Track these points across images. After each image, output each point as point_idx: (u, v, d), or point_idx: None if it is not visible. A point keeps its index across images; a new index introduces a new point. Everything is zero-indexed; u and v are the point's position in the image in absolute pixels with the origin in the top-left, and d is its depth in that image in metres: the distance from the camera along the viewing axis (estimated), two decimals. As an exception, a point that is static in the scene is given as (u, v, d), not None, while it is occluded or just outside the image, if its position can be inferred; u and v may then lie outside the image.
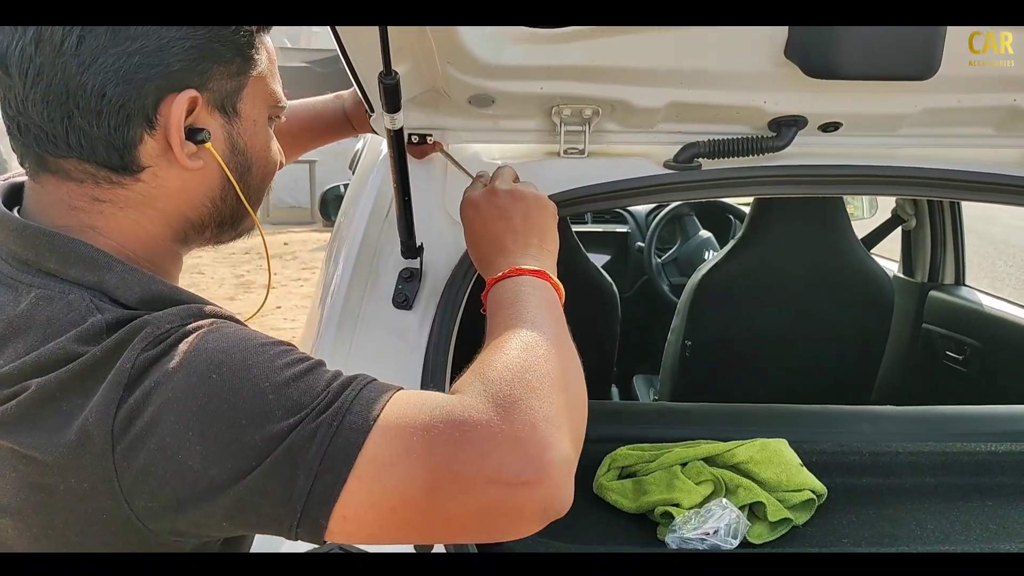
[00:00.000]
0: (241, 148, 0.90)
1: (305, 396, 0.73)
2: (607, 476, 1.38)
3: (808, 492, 1.33)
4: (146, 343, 0.74)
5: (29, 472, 0.74)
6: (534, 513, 0.73)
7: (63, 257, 0.80)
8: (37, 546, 0.79)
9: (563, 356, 0.85)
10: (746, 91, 1.36)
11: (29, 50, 0.78)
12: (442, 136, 1.40)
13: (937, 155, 1.47)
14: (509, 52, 1.25)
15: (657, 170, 1.41)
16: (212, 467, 0.71)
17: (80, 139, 0.80)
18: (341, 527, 0.73)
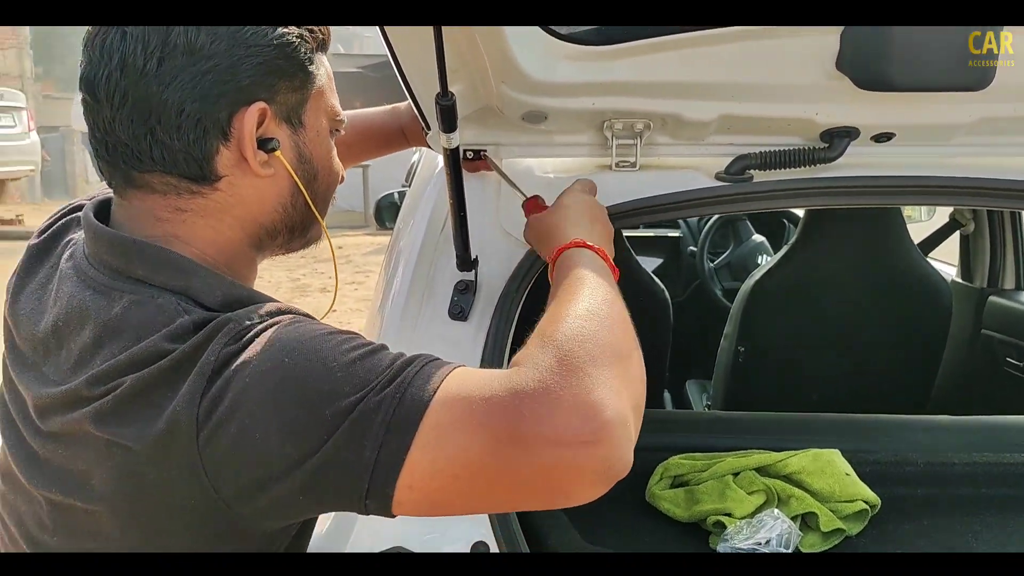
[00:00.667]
0: (307, 157, 0.97)
1: (370, 374, 0.78)
2: (659, 485, 1.40)
3: (861, 503, 1.33)
4: (228, 338, 0.80)
5: (122, 461, 0.81)
6: (595, 473, 0.76)
7: (152, 265, 0.87)
8: (128, 532, 0.85)
9: (622, 327, 0.89)
10: (797, 103, 1.37)
11: (115, 76, 0.86)
12: (495, 151, 1.43)
13: (993, 164, 1.46)
14: (561, 70, 1.27)
15: (709, 182, 1.43)
16: (287, 444, 0.77)
17: (163, 153, 0.88)
18: (408, 496, 0.77)
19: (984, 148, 1.47)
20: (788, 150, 1.41)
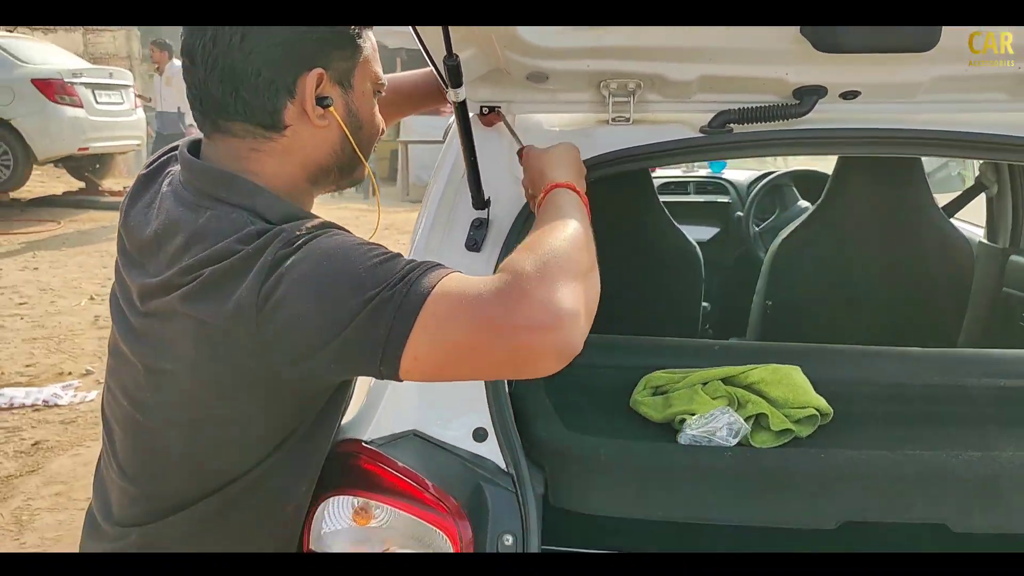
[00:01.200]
0: (354, 112, 1.24)
1: (387, 274, 1.04)
2: (642, 393, 1.64)
3: (812, 409, 1.54)
4: (282, 243, 1.07)
5: (201, 332, 1.08)
6: (552, 352, 1.00)
7: (228, 188, 1.16)
8: (203, 389, 1.13)
9: (586, 250, 1.13)
10: (769, 65, 1.56)
11: (208, 46, 1.15)
12: (508, 108, 1.67)
13: (955, 119, 1.62)
14: (557, 37, 1.49)
15: (693, 134, 1.64)
16: (324, 324, 1.02)
17: (243, 106, 1.16)
18: (412, 365, 1.03)
19: (946, 104, 1.63)
20: (763, 106, 1.61)
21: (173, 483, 1.24)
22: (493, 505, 1.41)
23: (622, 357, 1.80)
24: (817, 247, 2.64)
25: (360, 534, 1.43)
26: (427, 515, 1.36)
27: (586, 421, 1.58)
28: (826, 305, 2.68)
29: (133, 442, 1.26)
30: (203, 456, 1.21)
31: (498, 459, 1.46)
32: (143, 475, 1.26)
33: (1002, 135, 1.57)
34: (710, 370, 1.62)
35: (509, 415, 1.49)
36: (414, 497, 1.38)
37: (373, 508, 1.42)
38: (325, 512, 1.41)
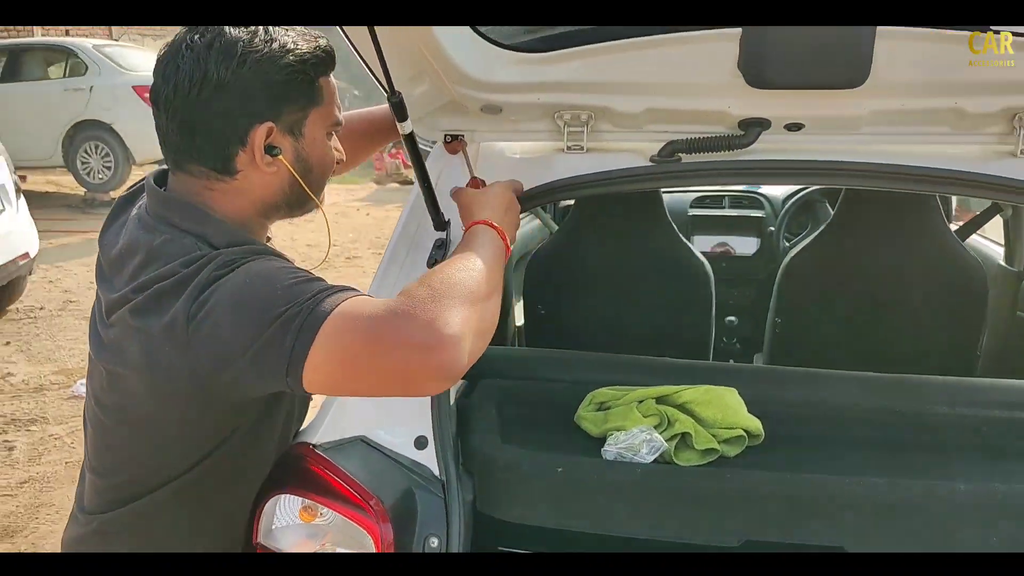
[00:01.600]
0: (304, 157, 1.36)
1: (298, 294, 1.16)
2: (587, 408, 1.72)
3: (740, 431, 1.59)
4: (217, 266, 1.21)
5: (145, 341, 1.23)
6: (432, 370, 1.10)
7: (182, 215, 1.30)
8: (148, 392, 1.27)
9: (486, 283, 1.23)
10: (710, 98, 1.63)
11: (170, 95, 1.29)
12: (471, 136, 1.78)
13: (901, 151, 1.65)
14: (504, 73, 1.60)
15: (643, 162, 1.71)
16: (240, 336, 1.15)
17: (199, 153, 1.30)
18: (313, 376, 1.14)
19: (893, 137, 1.67)
20: (710, 137, 1.67)
21: (126, 477, 1.39)
22: (422, 509, 1.51)
23: (584, 372, 1.88)
24: (825, 267, 2.65)
25: (306, 530, 1.55)
26: (356, 516, 1.48)
27: (524, 434, 1.67)
28: (833, 326, 2.68)
29: (98, 439, 1.41)
30: (149, 453, 1.36)
31: (434, 466, 1.57)
32: (104, 468, 1.41)
33: (945, 169, 1.60)
34: (647, 389, 1.68)
35: (449, 425, 1.59)
36: (348, 500, 1.49)
37: (318, 507, 1.54)
38: (276, 508, 1.54)
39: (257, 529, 1.52)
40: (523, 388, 1.85)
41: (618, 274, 2.73)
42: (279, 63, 1.28)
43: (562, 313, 2.86)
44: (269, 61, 1.27)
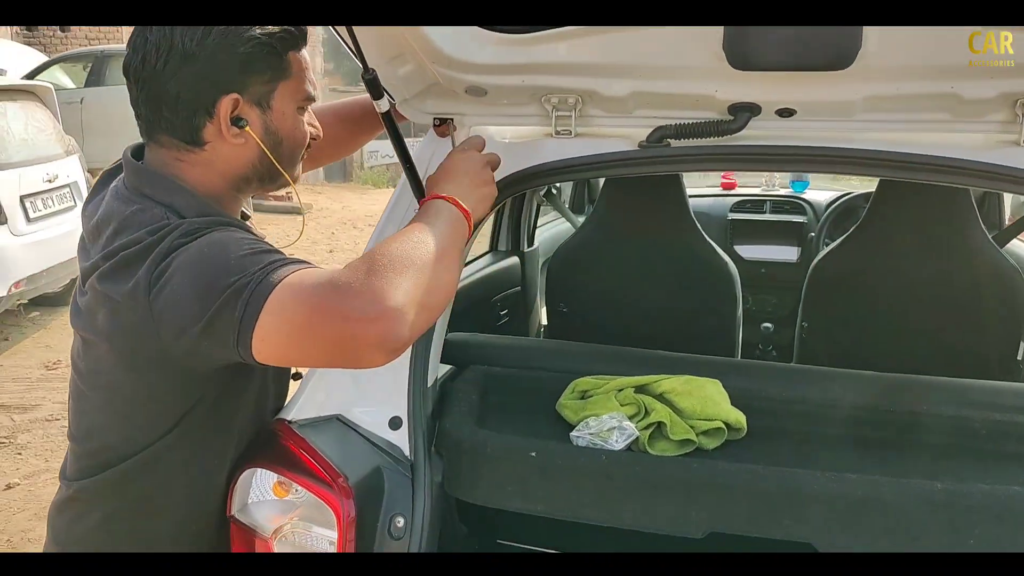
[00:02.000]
0: (273, 130, 1.38)
1: (251, 265, 1.17)
2: (568, 397, 1.69)
3: (719, 423, 1.54)
4: (180, 234, 1.23)
5: (111, 307, 1.26)
6: (374, 343, 1.11)
7: (153, 186, 1.33)
8: (115, 359, 1.30)
9: (432, 254, 1.21)
10: (696, 81, 1.58)
11: (139, 67, 1.32)
12: (460, 120, 1.77)
13: (900, 139, 1.58)
14: (485, 53, 1.58)
15: (630, 147, 1.68)
16: (194, 303, 1.17)
17: (167, 124, 1.33)
18: (261, 346, 1.15)
19: (890, 124, 1.59)
20: (698, 122, 1.63)
21: (98, 443, 1.42)
22: (390, 489, 1.51)
23: (573, 362, 1.85)
24: (852, 271, 2.57)
25: (280, 506, 1.57)
26: (323, 493, 1.48)
27: (502, 419, 1.66)
28: (862, 330, 2.60)
29: (75, 405, 1.45)
30: (118, 420, 1.39)
31: (406, 447, 1.57)
32: (80, 434, 1.45)
33: (942, 156, 1.53)
34: (628, 378, 1.65)
35: (423, 407, 1.59)
36: (317, 476, 1.50)
37: (291, 483, 1.56)
38: (253, 480, 1.55)
39: (231, 501, 1.54)
40: (510, 376, 1.83)
41: (639, 273, 2.70)
42: (245, 35, 1.29)
43: (584, 311, 2.83)
44: (235, 33, 1.29)
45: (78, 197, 6.08)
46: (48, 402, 4.82)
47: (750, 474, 1.43)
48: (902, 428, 1.61)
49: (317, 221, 10.65)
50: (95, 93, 10.60)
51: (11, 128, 5.66)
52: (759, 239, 4.01)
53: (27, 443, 4.34)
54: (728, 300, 2.75)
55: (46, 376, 5.22)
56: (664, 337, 2.58)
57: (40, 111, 6.10)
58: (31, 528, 3.45)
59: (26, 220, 5.44)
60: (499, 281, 3.18)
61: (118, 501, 1.44)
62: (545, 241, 3.71)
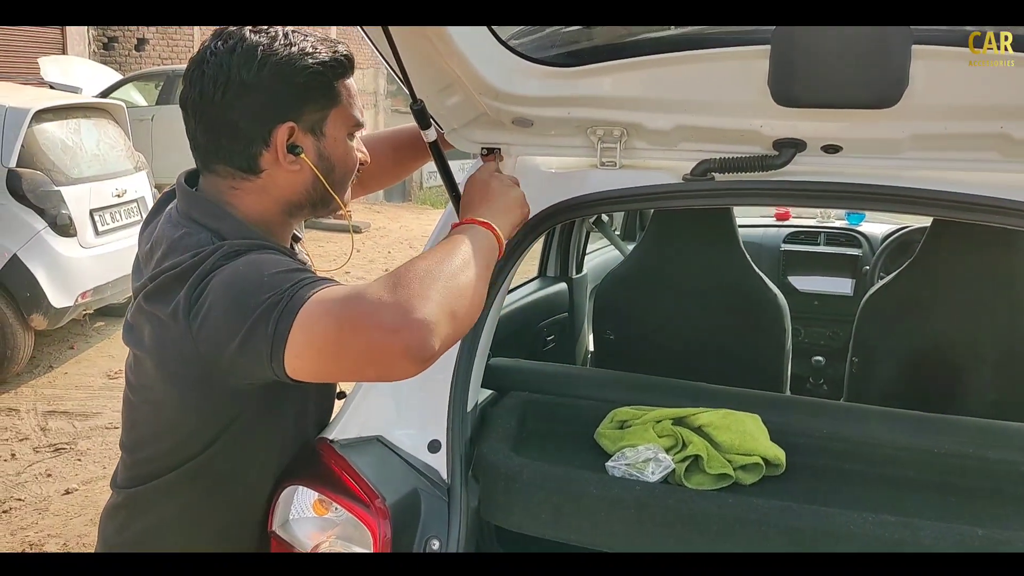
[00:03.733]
0: (326, 156, 1.42)
1: (283, 283, 1.20)
2: (607, 426, 1.70)
3: (757, 458, 1.54)
4: (219, 256, 1.28)
5: (156, 325, 1.31)
6: (401, 351, 1.12)
7: (203, 212, 1.38)
8: (159, 374, 1.35)
9: (461, 272, 1.23)
10: (741, 116, 1.60)
11: (196, 99, 1.38)
12: (507, 149, 1.81)
13: (948, 177, 1.57)
14: (532, 86, 1.62)
15: (675, 180, 1.69)
16: (230, 321, 1.21)
17: (225, 153, 1.38)
18: (294, 363, 1.19)
19: (937, 162, 1.58)
20: (743, 157, 1.64)
21: (146, 454, 1.47)
22: (426, 512, 1.54)
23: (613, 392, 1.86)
24: (902, 306, 2.53)
25: (319, 523, 1.60)
26: (360, 512, 1.51)
27: (540, 446, 1.67)
28: (913, 367, 2.56)
29: (127, 416, 1.51)
30: (163, 433, 1.44)
31: (444, 470, 1.59)
32: (130, 444, 1.51)
33: (989, 196, 1.51)
34: (666, 410, 1.65)
35: (461, 431, 1.62)
36: (355, 496, 1.53)
37: (331, 502, 1.59)
38: (294, 498, 1.59)
39: (273, 517, 1.58)
40: (549, 403, 1.85)
41: (687, 302, 2.69)
42: (298, 65, 1.34)
43: (631, 339, 2.84)
44: (289, 64, 1.34)
45: (144, 211, 6.27)
46: (108, 410, 4.96)
47: (785, 511, 1.42)
48: (945, 471, 1.58)
49: (374, 240, 10.80)
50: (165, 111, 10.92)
51: (84, 144, 5.88)
52: (813, 271, 3.97)
53: (87, 449, 4.48)
54: (777, 332, 2.72)
55: (108, 385, 5.38)
56: (711, 367, 2.57)
57: (112, 128, 6.32)
58: (86, 533, 3.56)
59: (95, 233, 5.63)
60: (546, 307, 3.20)
61: (163, 510, 1.49)
62: (594, 268, 3.72)
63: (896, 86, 1.43)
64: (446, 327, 1.17)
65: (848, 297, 3.95)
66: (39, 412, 4.95)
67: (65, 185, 5.43)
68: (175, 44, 14.49)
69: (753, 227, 4.29)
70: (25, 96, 5.76)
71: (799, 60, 1.47)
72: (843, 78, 1.46)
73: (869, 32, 1.42)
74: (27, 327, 5.24)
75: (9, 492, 3.99)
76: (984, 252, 2.40)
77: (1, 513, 3.77)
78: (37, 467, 4.27)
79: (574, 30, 1.67)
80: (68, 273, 5.35)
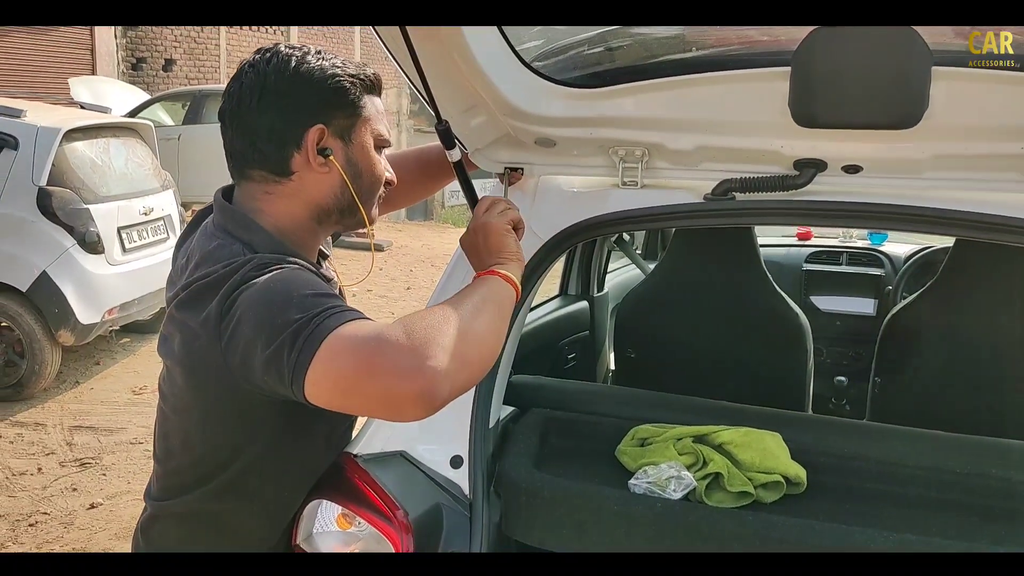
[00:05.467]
0: (354, 161, 1.46)
1: (312, 307, 1.22)
2: (628, 443, 1.71)
3: (778, 476, 1.54)
4: (250, 268, 1.30)
5: (186, 333, 1.34)
6: (411, 397, 1.14)
7: (234, 223, 1.42)
8: (187, 382, 1.38)
9: (477, 322, 1.26)
10: (761, 137, 1.62)
11: (234, 108, 1.42)
12: (530, 169, 1.83)
13: (969, 198, 1.58)
14: (555, 107, 1.65)
15: (696, 199, 1.71)
16: (259, 337, 1.23)
17: (259, 156, 1.42)
18: (312, 390, 1.20)
19: (959, 183, 1.59)
20: (764, 177, 1.65)
21: (175, 464, 1.50)
22: (448, 527, 1.55)
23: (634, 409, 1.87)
24: (925, 327, 2.52)
25: (343, 537, 1.62)
26: (383, 526, 1.53)
27: (561, 463, 1.68)
28: (936, 387, 2.54)
29: (159, 427, 1.54)
30: (192, 444, 1.46)
31: (466, 486, 1.61)
32: (161, 455, 1.53)
33: (1012, 217, 1.52)
34: (687, 427, 1.66)
35: (483, 447, 1.63)
36: (378, 510, 1.55)
37: (355, 516, 1.61)
38: (318, 512, 1.61)
39: (297, 530, 1.60)
40: (570, 420, 1.86)
41: (708, 322, 2.69)
42: (328, 73, 1.40)
43: (652, 357, 2.84)
44: (320, 72, 1.40)
45: (171, 230, 6.36)
46: (133, 425, 5.02)
47: (806, 529, 1.43)
48: (967, 491, 1.58)
49: (396, 258, 10.86)
50: (192, 130, 11.07)
51: (112, 163, 5.98)
52: (835, 291, 3.96)
53: (112, 464, 4.52)
54: (798, 352, 2.71)
55: (132, 400, 5.43)
56: (732, 387, 2.57)
57: (140, 147, 6.42)
58: (111, 547, 3.59)
59: (122, 250, 5.71)
60: (568, 325, 3.21)
61: (194, 522, 1.51)
62: (615, 286, 3.73)
63: (916, 107, 1.45)
64: (458, 375, 1.19)
65: (871, 317, 3.93)
66: (65, 427, 5.01)
67: (94, 203, 5.51)
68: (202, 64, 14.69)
69: (775, 247, 4.29)
70: (56, 116, 5.86)
71: (819, 81, 1.48)
72: (863, 99, 1.47)
73: (889, 53, 1.43)
74: (55, 343, 5.31)
75: (35, 506, 4.04)
76: (1007, 272, 2.39)
77: (27, 527, 3.81)
78: (63, 481, 4.32)
79: (597, 51, 1.70)
80: (95, 290, 5.42)
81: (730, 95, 1.58)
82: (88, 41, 12.76)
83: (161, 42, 13.98)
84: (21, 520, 3.87)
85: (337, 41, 16.90)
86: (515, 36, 1.59)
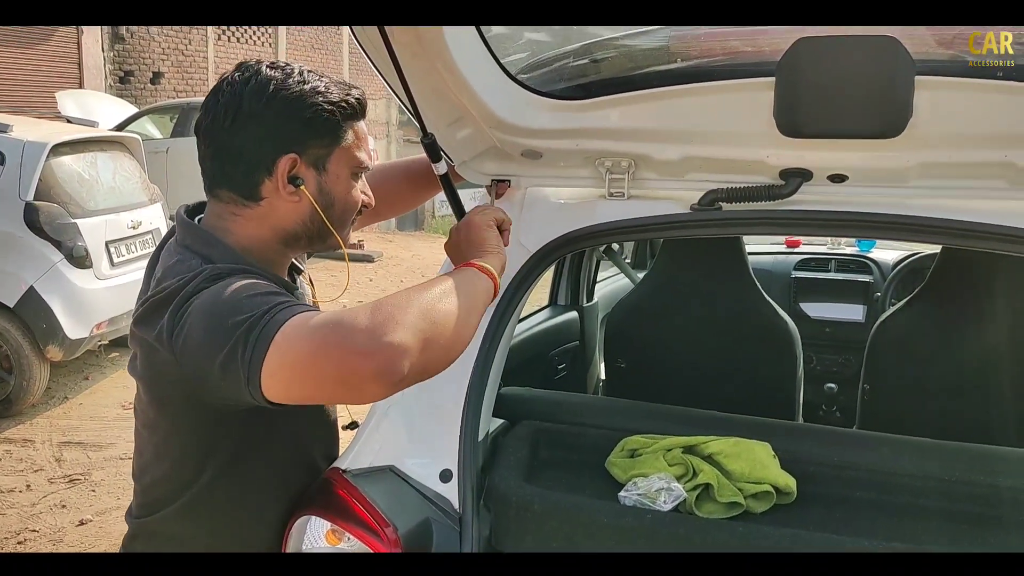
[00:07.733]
0: (326, 191, 1.44)
1: (261, 306, 1.20)
2: (618, 455, 1.70)
3: (767, 486, 1.54)
4: (203, 279, 1.29)
5: (145, 348, 1.33)
6: (372, 374, 1.12)
7: (194, 239, 1.41)
8: (149, 397, 1.38)
9: (440, 303, 1.23)
10: (747, 147, 1.62)
11: (208, 125, 1.41)
12: (517, 181, 1.83)
13: (954, 206, 1.58)
14: (540, 119, 1.65)
15: (682, 210, 1.71)
16: (210, 344, 1.21)
17: (228, 179, 1.41)
18: (270, 383, 1.18)
19: (944, 191, 1.60)
20: (750, 186, 1.66)
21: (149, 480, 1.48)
22: (438, 541, 1.54)
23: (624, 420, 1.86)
24: (913, 334, 2.53)
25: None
26: (371, 542, 1.52)
27: (551, 475, 1.67)
28: (925, 394, 2.55)
29: (135, 444, 1.53)
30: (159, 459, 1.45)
31: (456, 500, 1.60)
32: (136, 471, 1.52)
33: (994, 225, 1.52)
34: (677, 438, 1.66)
35: (473, 461, 1.62)
36: (366, 525, 1.54)
37: (343, 532, 1.60)
38: (307, 527, 1.60)
39: (286, 547, 1.59)
40: (560, 431, 1.85)
41: (698, 330, 2.70)
42: (307, 101, 1.37)
43: (642, 367, 2.84)
44: (299, 99, 1.37)
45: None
46: (122, 441, 4.98)
47: (796, 539, 1.42)
48: (956, 498, 1.58)
49: (387, 269, 10.85)
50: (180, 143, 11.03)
51: (100, 177, 5.96)
52: (824, 298, 3.97)
53: (101, 480, 4.49)
54: (788, 360, 2.72)
55: (122, 415, 5.40)
56: (723, 395, 2.57)
57: (128, 160, 6.40)
58: (100, 564, 3.56)
59: (110, 264, 5.69)
60: (557, 335, 3.21)
61: (171, 539, 1.50)
62: (605, 296, 3.73)
63: (900, 116, 1.46)
64: (418, 353, 1.16)
65: (860, 324, 3.94)
66: (54, 443, 4.98)
67: (81, 217, 5.49)
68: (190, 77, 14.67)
69: (764, 254, 4.30)
70: (43, 130, 5.84)
71: (803, 91, 1.49)
72: (847, 109, 1.48)
73: (873, 63, 1.44)
74: (43, 358, 5.28)
75: (24, 523, 4.00)
76: (994, 278, 2.40)
77: (16, 544, 3.78)
78: (52, 498, 4.29)
79: (582, 63, 1.70)
80: (84, 304, 5.40)
81: (715, 106, 1.58)
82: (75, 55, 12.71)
83: (149, 55, 13.96)
84: (10, 538, 3.84)
85: (325, 53, 16.89)
86: (500, 48, 1.59)
